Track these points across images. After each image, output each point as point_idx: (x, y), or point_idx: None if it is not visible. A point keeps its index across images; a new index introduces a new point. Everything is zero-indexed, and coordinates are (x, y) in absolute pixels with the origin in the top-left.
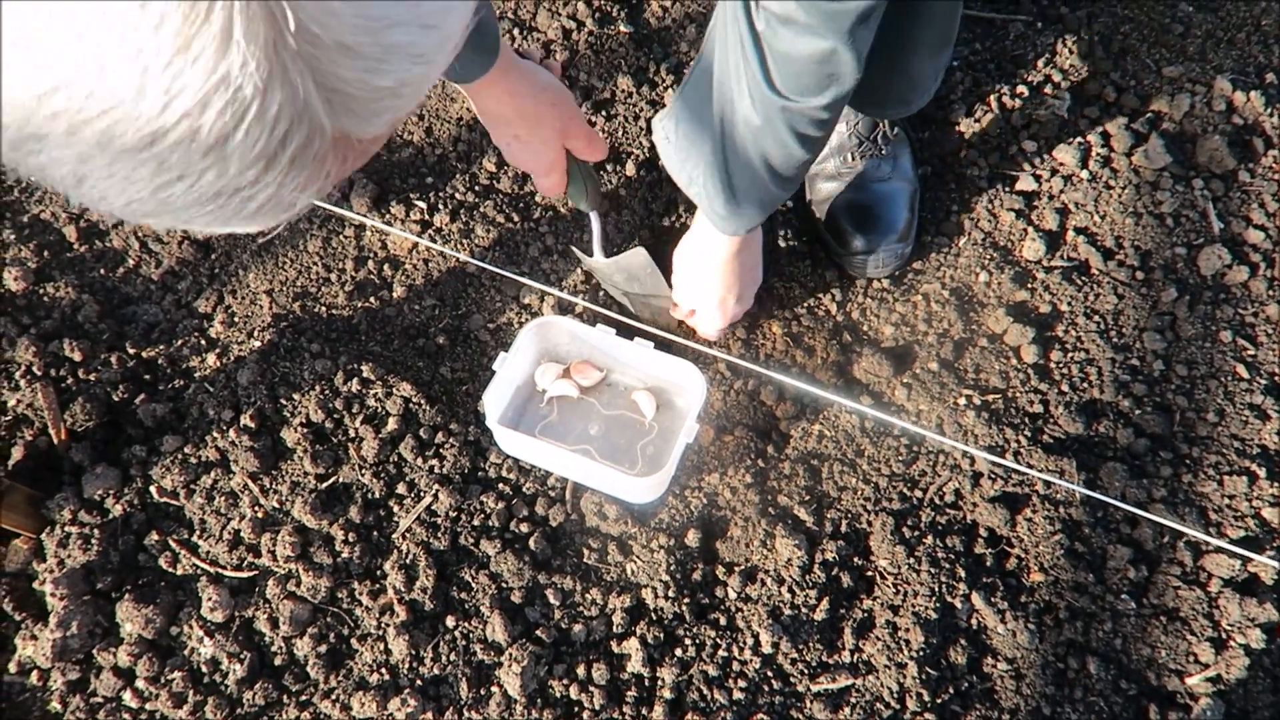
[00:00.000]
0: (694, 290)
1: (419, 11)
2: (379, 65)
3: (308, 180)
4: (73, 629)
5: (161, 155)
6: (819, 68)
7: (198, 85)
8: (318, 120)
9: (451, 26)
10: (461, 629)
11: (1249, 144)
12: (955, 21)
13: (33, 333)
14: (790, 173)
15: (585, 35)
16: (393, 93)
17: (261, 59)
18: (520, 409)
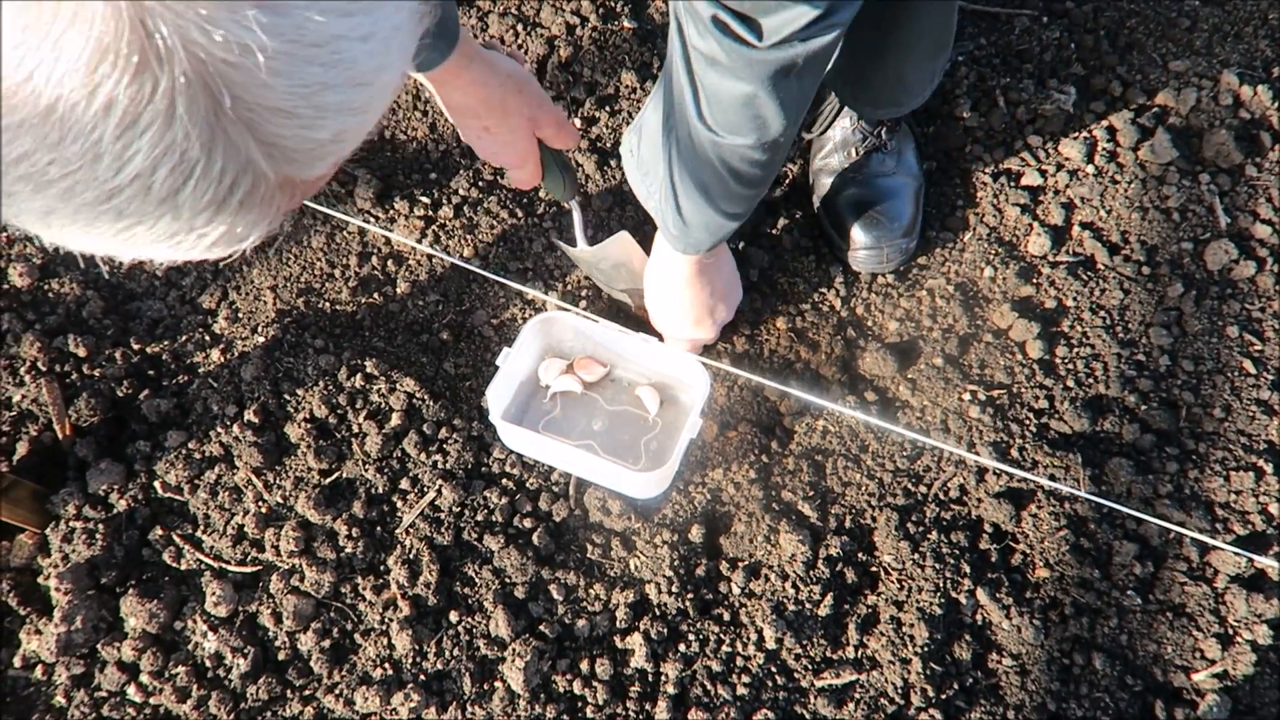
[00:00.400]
0: (661, 312)
1: (351, 73)
2: (315, 122)
3: (258, 217)
4: (77, 623)
5: (119, 207)
6: (744, 109)
7: (146, 152)
8: (261, 170)
9: (386, 79)
10: (465, 624)
11: (1256, 138)
12: (950, 28)
13: (38, 329)
14: (733, 206)
15: (589, 31)
16: (333, 141)
17: (203, 127)
18: (524, 405)
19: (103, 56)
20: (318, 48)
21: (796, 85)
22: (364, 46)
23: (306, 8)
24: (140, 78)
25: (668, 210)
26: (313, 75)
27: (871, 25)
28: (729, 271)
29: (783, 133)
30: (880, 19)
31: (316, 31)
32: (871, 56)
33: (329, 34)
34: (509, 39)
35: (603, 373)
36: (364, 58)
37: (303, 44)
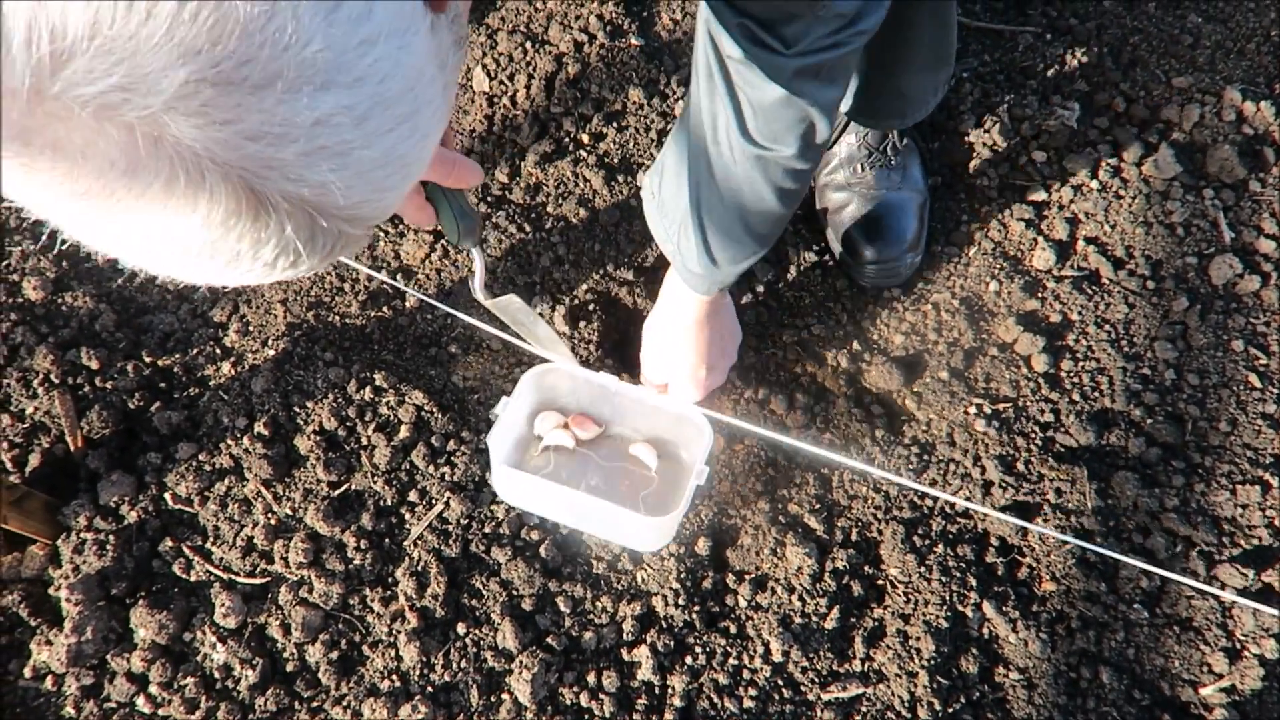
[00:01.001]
0: (665, 361)
1: (405, 161)
2: (384, 197)
3: (354, 248)
4: (87, 634)
5: (255, 276)
6: (786, 112)
7: (269, 254)
8: (350, 233)
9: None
10: (472, 636)
11: (1259, 154)
12: (950, 41)
13: (51, 341)
14: (766, 229)
15: (597, 48)
16: (398, 197)
17: (305, 231)
18: (518, 459)
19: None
20: (375, 161)
21: (829, 88)
22: (411, 141)
23: (361, 144)
24: (257, 220)
25: (690, 248)
26: (377, 176)
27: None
28: (731, 314)
29: (824, 138)
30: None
31: (375, 158)
32: (874, 69)
33: (381, 151)
34: (516, 55)
35: (598, 431)
36: (413, 149)
37: (365, 167)
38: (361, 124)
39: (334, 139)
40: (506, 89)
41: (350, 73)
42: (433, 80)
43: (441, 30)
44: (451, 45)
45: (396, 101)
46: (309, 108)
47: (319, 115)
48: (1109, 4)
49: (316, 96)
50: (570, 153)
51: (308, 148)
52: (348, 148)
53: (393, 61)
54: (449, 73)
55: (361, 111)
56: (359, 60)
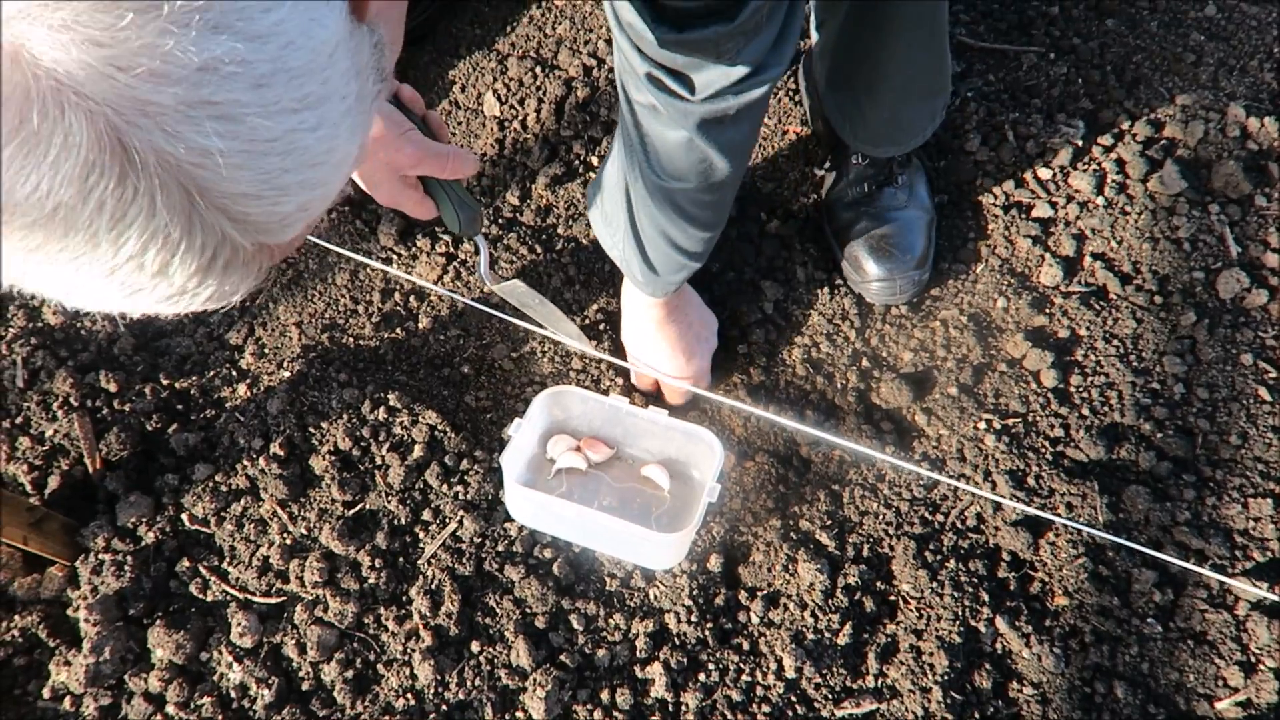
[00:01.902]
0: (646, 357)
1: (305, 157)
2: (279, 200)
3: (241, 276)
4: (105, 654)
5: (120, 279)
6: (686, 155)
7: (135, 238)
8: (237, 241)
9: (340, 155)
10: (486, 654)
11: (1264, 169)
12: (943, 70)
13: (70, 365)
14: (693, 246)
15: (605, 72)
16: (297, 212)
17: (181, 215)
18: (531, 481)
19: (90, 169)
20: (272, 142)
21: (733, 130)
22: (314, 135)
23: (257, 113)
24: (123, 183)
25: (633, 258)
26: (271, 164)
27: (866, 68)
28: (697, 304)
29: (727, 176)
30: (873, 62)
31: (268, 131)
32: (869, 98)
33: (280, 130)
34: (527, 80)
35: (609, 453)
36: (315, 144)
37: (257, 143)
38: (259, 88)
39: (224, 94)
40: (517, 113)
41: (251, 24)
42: (346, 76)
43: (361, 39)
44: (371, 66)
45: (303, 77)
46: (196, 46)
47: (208, 59)
48: (1112, 23)
49: (207, 36)
50: (580, 175)
51: (191, 96)
52: (240, 111)
53: (300, 29)
54: (366, 90)
55: (260, 73)
56: (262, 15)
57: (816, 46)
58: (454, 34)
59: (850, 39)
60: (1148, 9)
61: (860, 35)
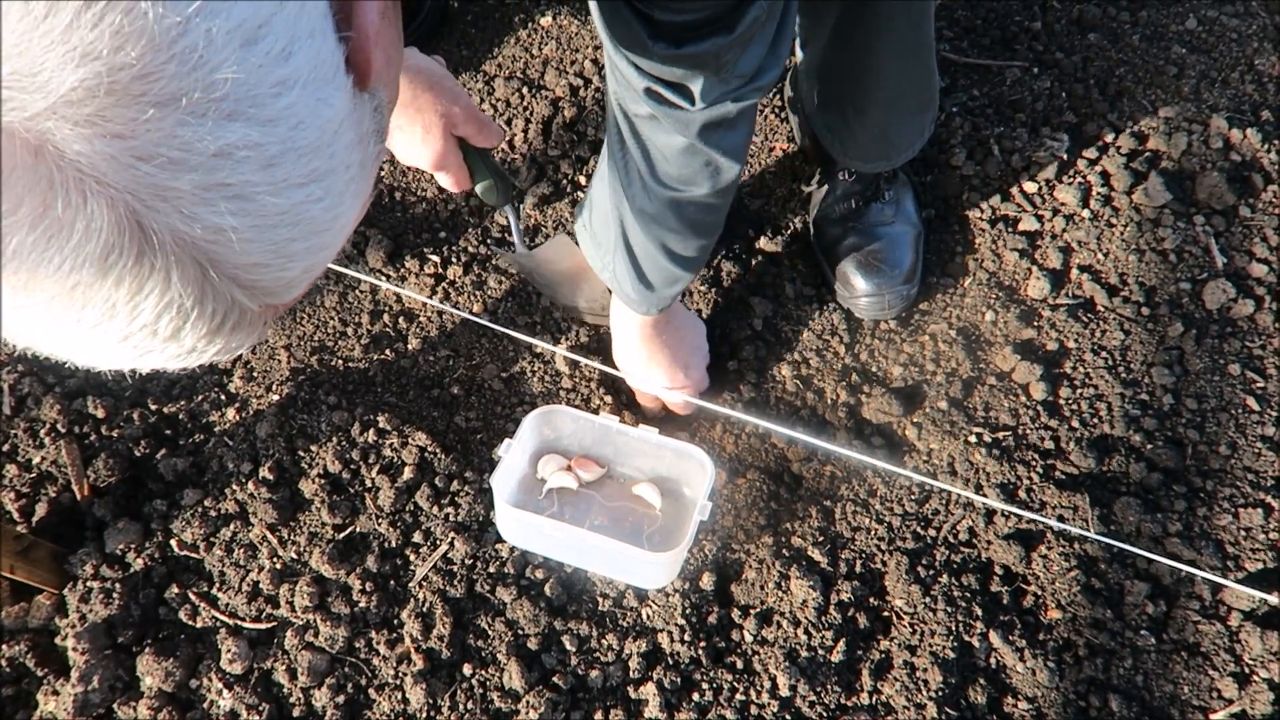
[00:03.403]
0: (644, 380)
1: (312, 226)
2: (286, 266)
3: (247, 335)
4: (94, 683)
5: (134, 344)
6: (692, 160)
7: (150, 309)
8: (245, 305)
9: (344, 221)
10: (478, 677)
11: (1248, 179)
12: (930, 86)
13: (57, 391)
14: (691, 254)
15: (592, 92)
16: (302, 274)
17: (194, 286)
18: (522, 501)
19: (109, 251)
20: (281, 215)
21: (735, 134)
22: (321, 205)
23: (268, 191)
24: (140, 261)
25: (625, 276)
26: (280, 235)
27: (853, 85)
28: (685, 317)
29: (734, 177)
30: (860, 80)
31: (278, 207)
32: (857, 115)
33: (289, 205)
34: (514, 101)
35: (600, 472)
36: (322, 213)
37: (268, 217)
38: (270, 168)
39: (237, 177)
40: (505, 133)
41: (263, 109)
42: (350, 147)
43: (364, 108)
44: (372, 131)
45: (310, 154)
46: (212, 135)
47: (223, 145)
48: (1094, 37)
49: (222, 125)
50: (568, 194)
51: (206, 180)
52: (252, 190)
53: (309, 110)
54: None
55: (271, 154)
56: (273, 100)
57: (802, 64)
58: (442, 55)
59: (836, 57)
60: (1129, 23)
61: (846, 53)
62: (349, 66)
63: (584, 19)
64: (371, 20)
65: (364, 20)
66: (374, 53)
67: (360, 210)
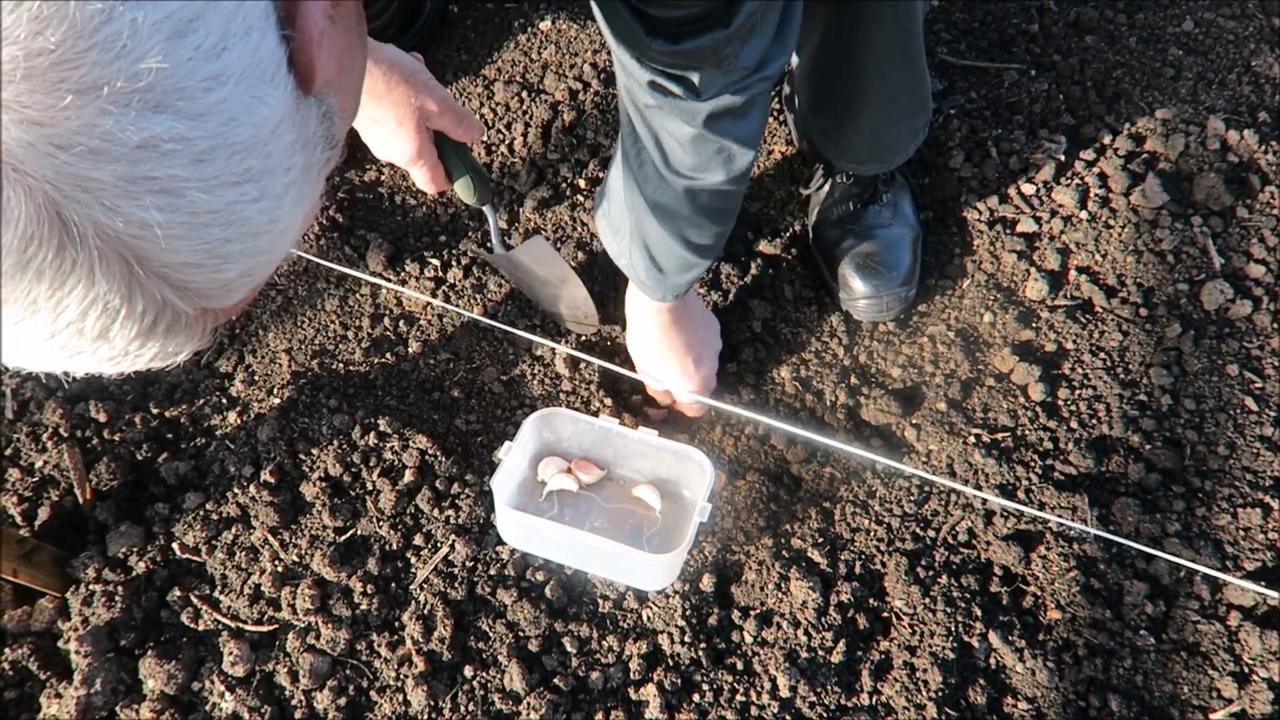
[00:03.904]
0: (654, 365)
1: (247, 228)
2: (221, 268)
3: (185, 339)
4: (96, 686)
5: (61, 342)
6: (705, 147)
7: (75, 305)
8: (179, 308)
9: (284, 225)
10: (480, 678)
11: (1245, 180)
12: (922, 88)
13: (59, 395)
14: (706, 241)
15: (591, 95)
16: (240, 279)
17: (120, 283)
18: (522, 503)
19: (28, 242)
20: (213, 214)
21: (745, 123)
22: (256, 206)
23: (197, 187)
24: (61, 254)
25: (639, 262)
26: (212, 235)
27: (845, 90)
28: (701, 312)
29: (749, 164)
30: (852, 84)
31: (208, 204)
32: (849, 119)
33: (221, 203)
34: (514, 105)
35: (600, 474)
36: (257, 215)
37: (198, 215)
38: (199, 164)
39: (163, 170)
40: (504, 137)
41: (192, 103)
42: (291, 150)
43: (308, 111)
44: (319, 137)
45: (245, 152)
46: (135, 126)
47: (147, 137)
48: (1091, 40)
49: (146, 116)
50: (568, 198)
51: (130, 173)
52: (180, 186)
53: (243, 106)
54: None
55: (201, 149)
56: (204, 94)
57: (796, 69)
58: (441, 60)
59: (828, 62)
60: (1126, 25)
61: (838, 58)
62: (291, 67)
63: (583, 23)
64: (315, 21)
65: (306, 21)
66: (317, 55)
67: (305, 217)
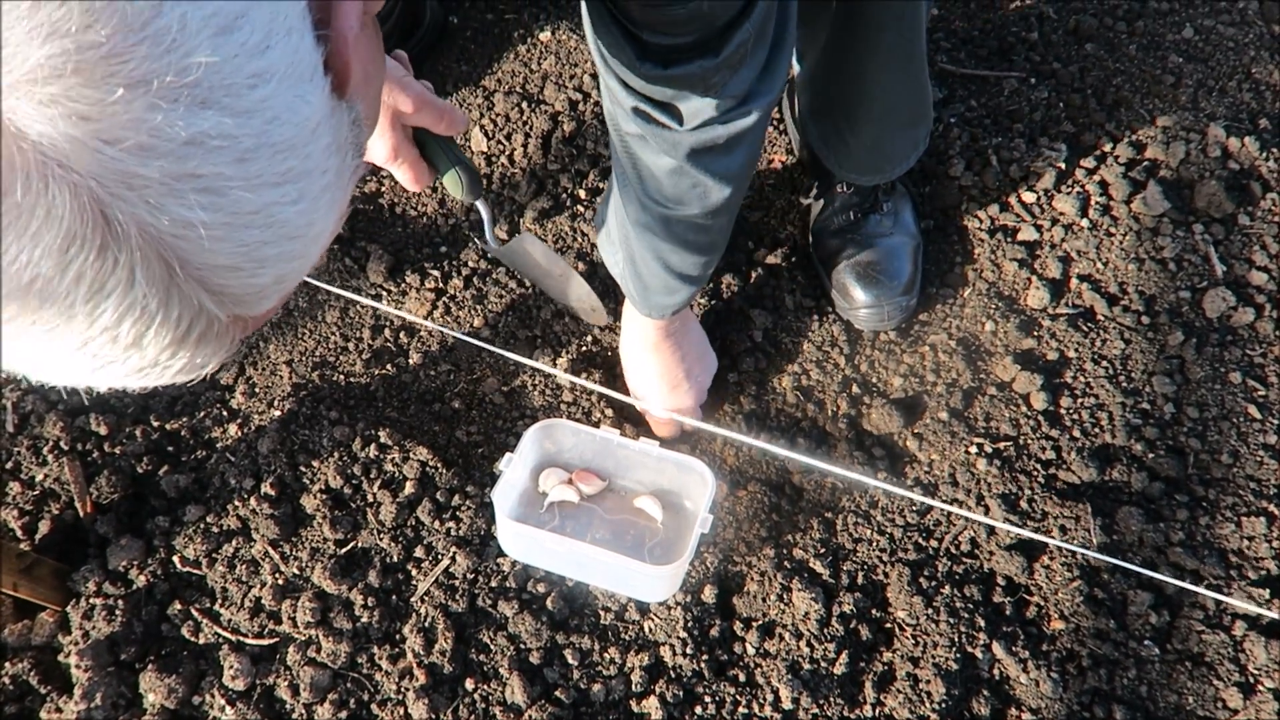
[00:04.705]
0: (640, 382)
1: (285, 230)
2: (257, 272)
3: (214, 349)
4: (97, 700)
5: (92, 350)
6: (680, 181)
7: (112, 310)
8: (213, 313)
9: (319, 229)
10: (481, 691)
11: (1246, 188)
12: (923, 99)
13: (60, 408)
14: (689, 270)
15: (591, 106)
16: (274, 284)
17: (159, 286)
18: (523, 515)
19: (70, 242)
20: (253, 215)
21: (727, 159)
22: (295, 208)
23: (240, 186)
24: (103, 255)
25: (629, 278)
26: (251, 236)
27: (846, 99)
28: (696, 335)
29: (724, 201)
30: (853, 93)
31: (250, 204)
32: (850, 128)
33: (262, 204)
34: (514, 115)
35: (602, 485)
36: (295, 217)
37: (240, 215)
38: (243, 162)
39: (209, 168)
40: (504, 148)
41: (238, 100)
42: (328, 152)
43: (341, 115)
44: (350, 143)
45: (286, 152)
46: (184, 121)
47: (195, 133)
48: (1091, 47)
49: (195, 112)
50: (568, 208)
51: (177, 169)
52: (224, 184)
53: (286, 105)
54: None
55: (245, 147)
56: (249, 91)
57: (798, 78)
58: (441, 71)
59: (830, 70)
60: (1126, 32)
61: (840, 66)
62: (327, 69)
63: (583, 34)
64: (350, 24)
65: (342, 22)
66: (352, 58)
67: (336, 223)
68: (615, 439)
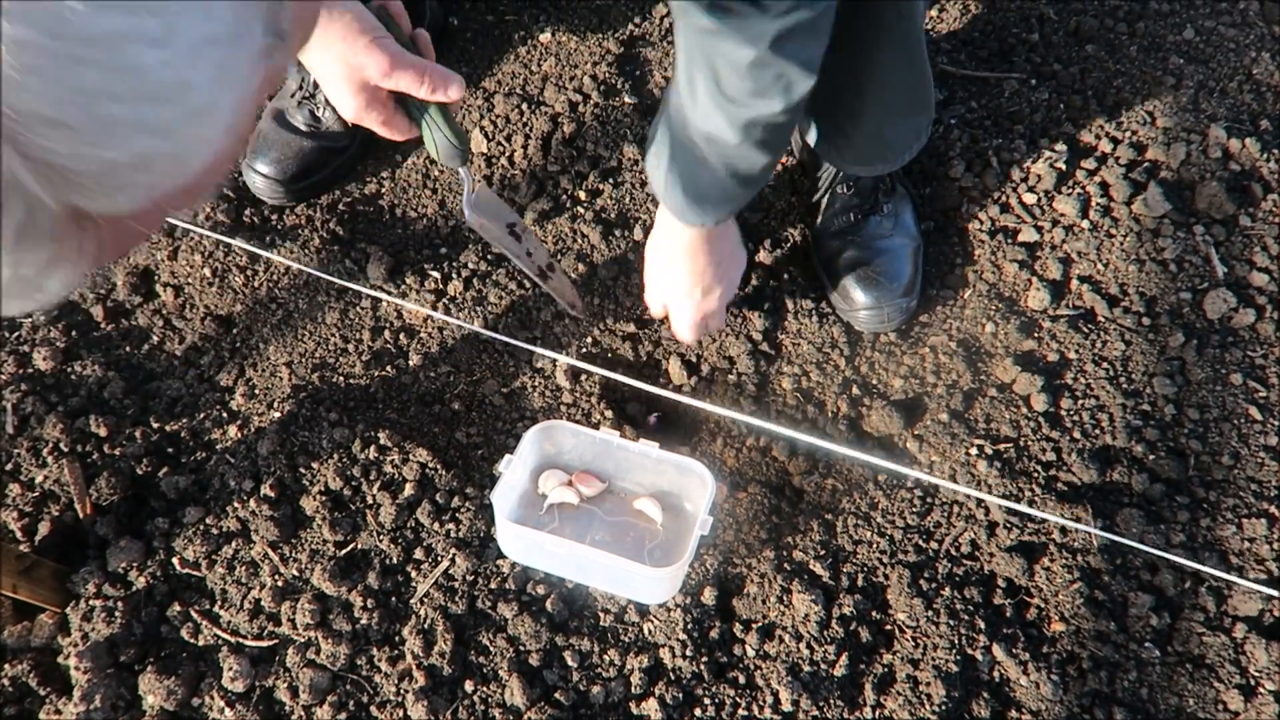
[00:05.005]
0: (662, 282)
1: (142, 85)
2: (100, 139)
3: (51, 259)
4: (96, 702)
5: None
6: (765, 73)
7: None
8: (33, 195)
9: (198, 101)
10: (480, 693)
11: (1247, 189)
12: (925, 86)
13: (60, 410)
14: (755, 173)
15: (591, 107)
16: (132, 167)
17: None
18: (523, 516)
19: None
20: (89, 45)
21: (802, 50)
22: (156, 54)
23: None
24: None
25: (683, 192)
26: (87, 80)
27: (847, 91)
28: (734, 237)
29: (806, 93)
30: (853, 85)
31: (83, 25)
32: (851, 120)
33: (102, 30)
34: (514, 117)
35: (601, 487)
36: (158, 68)
37: (66, 38)
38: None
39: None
40: (505, 149)
41: None
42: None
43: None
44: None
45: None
46: None
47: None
48: (1091, 49)
49: None
50: (568, 209)
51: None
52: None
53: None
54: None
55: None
56: None
57: None
58: None
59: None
60: (1127, 34)
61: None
62: None
63: (583, 35)
64: None
65: None
66: None
67: (231, 110)
68: (615, 441)
